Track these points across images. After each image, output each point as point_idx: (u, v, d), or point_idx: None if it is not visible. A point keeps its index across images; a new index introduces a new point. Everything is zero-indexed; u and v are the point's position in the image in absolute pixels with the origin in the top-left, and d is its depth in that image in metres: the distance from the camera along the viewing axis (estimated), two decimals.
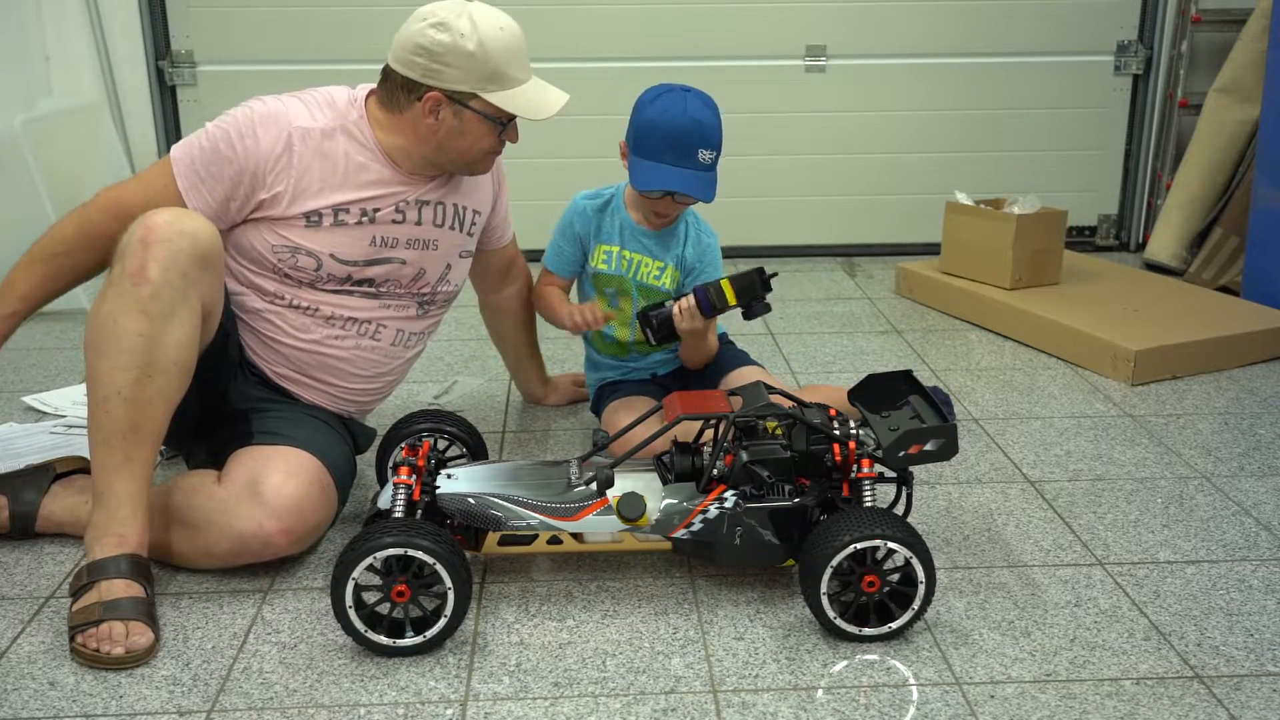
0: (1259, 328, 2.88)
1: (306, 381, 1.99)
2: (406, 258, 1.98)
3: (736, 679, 1.58)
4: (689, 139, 2.08)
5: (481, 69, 1.85)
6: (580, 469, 1.79)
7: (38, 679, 1.59)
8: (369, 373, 2.04)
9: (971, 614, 1.74)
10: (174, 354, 1.69)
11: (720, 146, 2.13)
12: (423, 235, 1.99)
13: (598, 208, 2.27)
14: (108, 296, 1.68)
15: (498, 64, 1.85)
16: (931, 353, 2.97)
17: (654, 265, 2.25)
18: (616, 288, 2.27)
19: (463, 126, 1.89)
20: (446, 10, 1.85)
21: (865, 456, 1.74)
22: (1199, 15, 3.75)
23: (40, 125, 3.29)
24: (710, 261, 2.27)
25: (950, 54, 3.85)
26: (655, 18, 3.75)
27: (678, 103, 2.11)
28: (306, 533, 1.81)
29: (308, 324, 1.95)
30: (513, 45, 1.87)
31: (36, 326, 3.16)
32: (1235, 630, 1.70)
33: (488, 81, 1.86)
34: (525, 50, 1.91)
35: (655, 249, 2.25)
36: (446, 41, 1.83)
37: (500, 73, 1.86)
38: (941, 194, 3.48)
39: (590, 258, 2.27)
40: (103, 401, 1.68)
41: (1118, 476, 2.23)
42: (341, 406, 2.05)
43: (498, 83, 1.87)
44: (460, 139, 1.90)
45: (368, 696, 1.55)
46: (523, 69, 1.90)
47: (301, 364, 1.97)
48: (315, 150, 1.88)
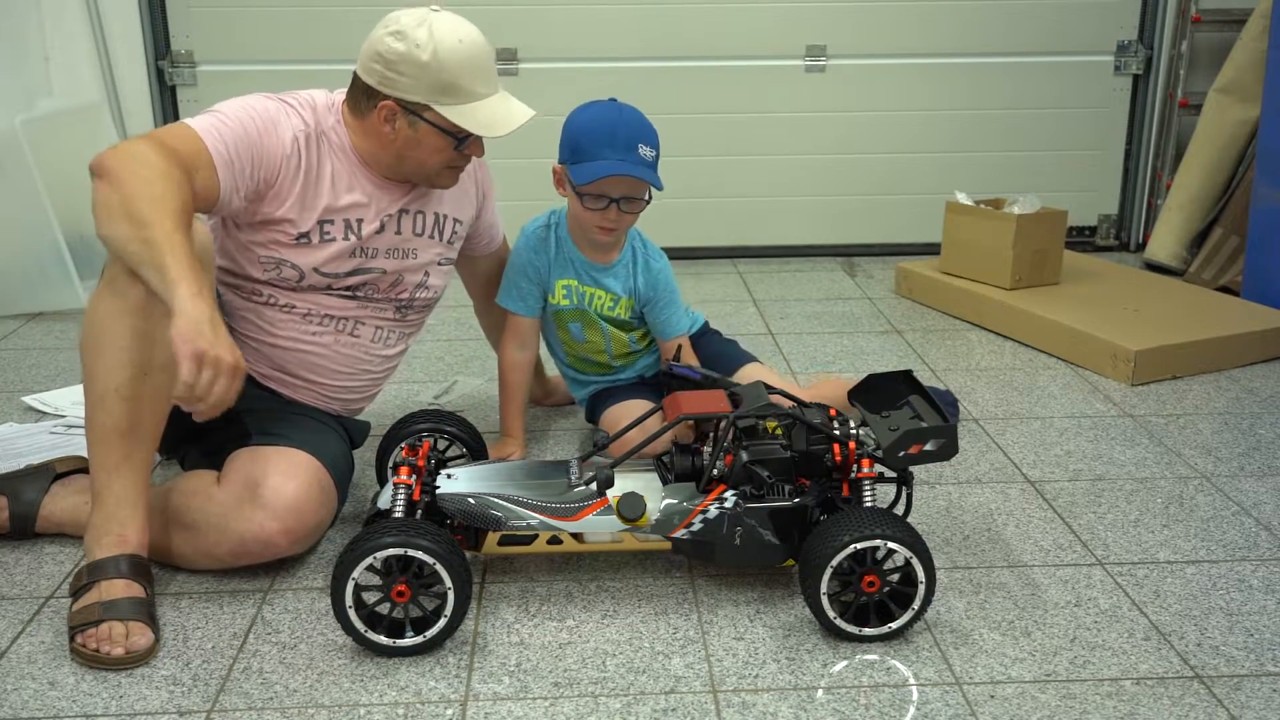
0: (1259, 328, 2.88)
1: (290, 380, 1.99)
2: (386, 266, 1.97)
3: (736, 679, 1.58)
4: (628, 132, 2.03)
5: (435, 80, 1.81)
6: (580, 469, 1.79)
7: (38, 679, 1.59)
8: (350, 369, 2.02)
9: (971, 614, 1.74)
10: (170, 351, 1.67)
11: (658, 149, 2.07)
12: (402, 245, 1.98)
13: (543, 236, 2.20)
14: (104, 295, 1.67)
15: (452, 76, 1.81)
16: (931, 353, 2.97)
17: (607, 298, 2.20)
18: (580, 320, 2.24)
19: (418, 137, 1.86)
20: (409, 19, 1.82)
21: (865, 456, 1.74)
22: (1199, 15, 3.75)
23: (40, 125, 3.29)
24: (664, 287, 2.21)
25: (950, 54, 3.85)
26: (655, 18, 3.75)
27: (609, 106, 2.09)
28: (307, 533, 1.81)
29: (285, 320, 1.94)
30: (472, 58, 1.82)
31: (37, 326, 3.16)
32: (1235, 630, 1.70)
33: (441, 94, 1.82)
34: (488, 63, 1.87)
35: (606, 281, 2.20)
36: (401, 50, 1.80)
37: (454, 85, 1.82)
38: (941, 194, 3.48)
39: (551, 294, 2.21)
40: (100, 400, 1.67)
41: (1118, 476, 2.23)
42: (329, 405, 2.05)
43: (452, 95, 1.82)
44: (417, 149, 1.87)
45: (368, 696, 1.55)
46: (483, 83, 1.85)
47: (282, 361, 1.97)
48: (310, 156, 1.87)
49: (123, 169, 1.63)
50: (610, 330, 2.24)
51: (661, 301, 2.21)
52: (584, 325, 2.24)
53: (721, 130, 3.86)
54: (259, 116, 1.82)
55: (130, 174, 1.62)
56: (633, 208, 2.09)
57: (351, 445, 2.05)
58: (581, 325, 2.24)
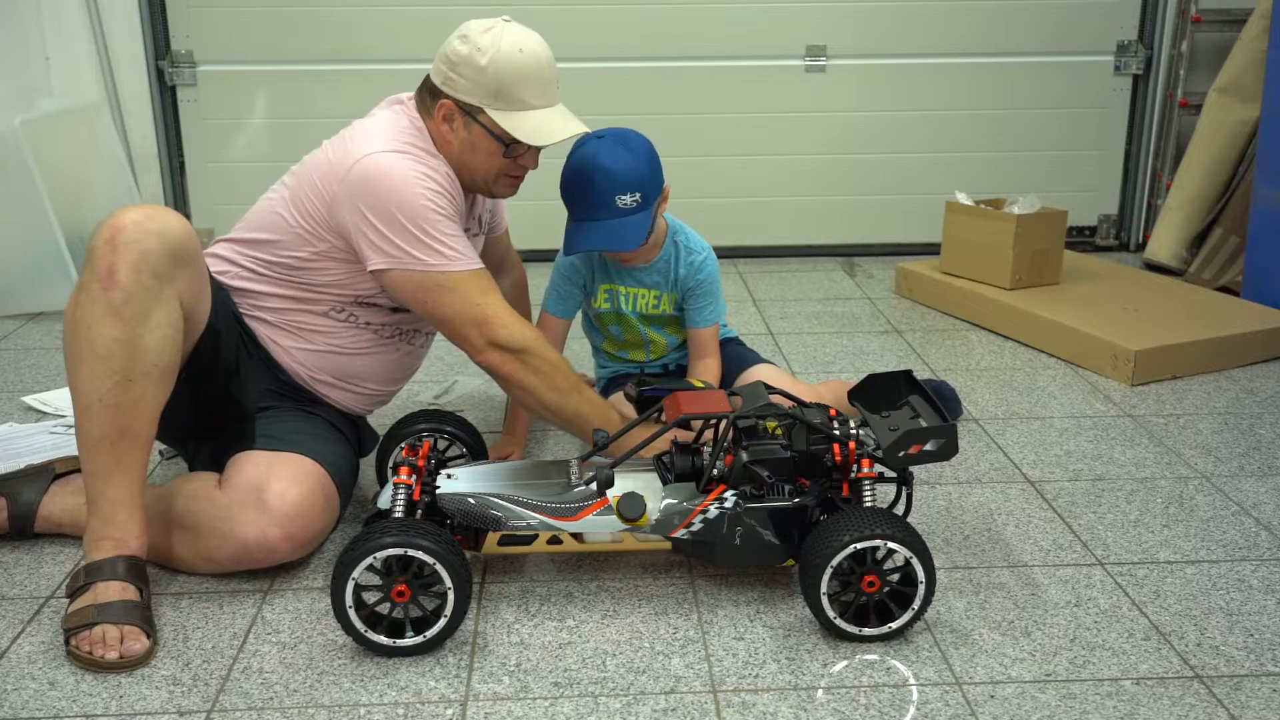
0: (1259, 328, 2.88)
1: (338, 383, 2.01)
2: None
3: (736, 679, 1.58)
4: (597, 189, 2.01)
5: (490, 85, 1.85)
6: (580, 469, 1.79)
7: (38, 679, 1.59)
8: (400, 373, 2.10)
9: (971, 614, 1.74)
10: (154, 356, 1.65)
11: (645, 182, 2.03)
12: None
13: None
14: (79, 302, 1.64)
15: (507, 83, 1.85)
16: (931, 353, 2.97)
17: (650, 295, 2.23)
18: (619, 324, 2.27)
19: (473, 140, 1.90)
20: (479, 25, 1.88)
21: (865, 456, 1.74)
22: (1199, 15, 3.75)
23: (40, 125, 3.29)
24: (706, 277, 2.22)
25: (950, 54, 3.85)
26: (655, 18, 3.75)
27: (585, 153, 2.04)
28: (309, 539, 1.81)
29: (356, 332, 1.98)
30: (529, 69, 1.87)
31: (37, 327, 3.17)
32: (1235, 630, 1.70)
33: (494, 98, 1.87)
34: (546, 77, 1.90)
35: (647, 279, 2.22)
36: (464, 53, 1.86)
37: (507, 92, 1.86)
38: (941, 194, 3.48)
39: (593, 299, 2.25)
40: (85, 410, 1.65)
41: (1118, 476, 2.23)
42: (364, 405, 2.08)
43: (505, 101, 1.87)
44: (473, 153, 1.91)
45: (368, 696, 1.55)
46: (537, 94, 1.89)
47: (340, 366, 1.99)
48: (451, 192, 1.91)
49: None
50: (649, 333, 2.27)
51: (700, 291, 2.23)
52: (623, 329, 2.28)
53: (721, 130, 3.86)
54: (432, 183, 1.85)
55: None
56: (622, 256, 2.15)
57: (360, 453, 2.06)
58: (621, 329, 2.28)
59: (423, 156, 1.88)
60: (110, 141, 3.60)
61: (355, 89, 3.60)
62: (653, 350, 2.31)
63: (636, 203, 2.04)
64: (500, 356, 1.88)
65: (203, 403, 1.88)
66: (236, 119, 3.77)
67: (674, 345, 2.31)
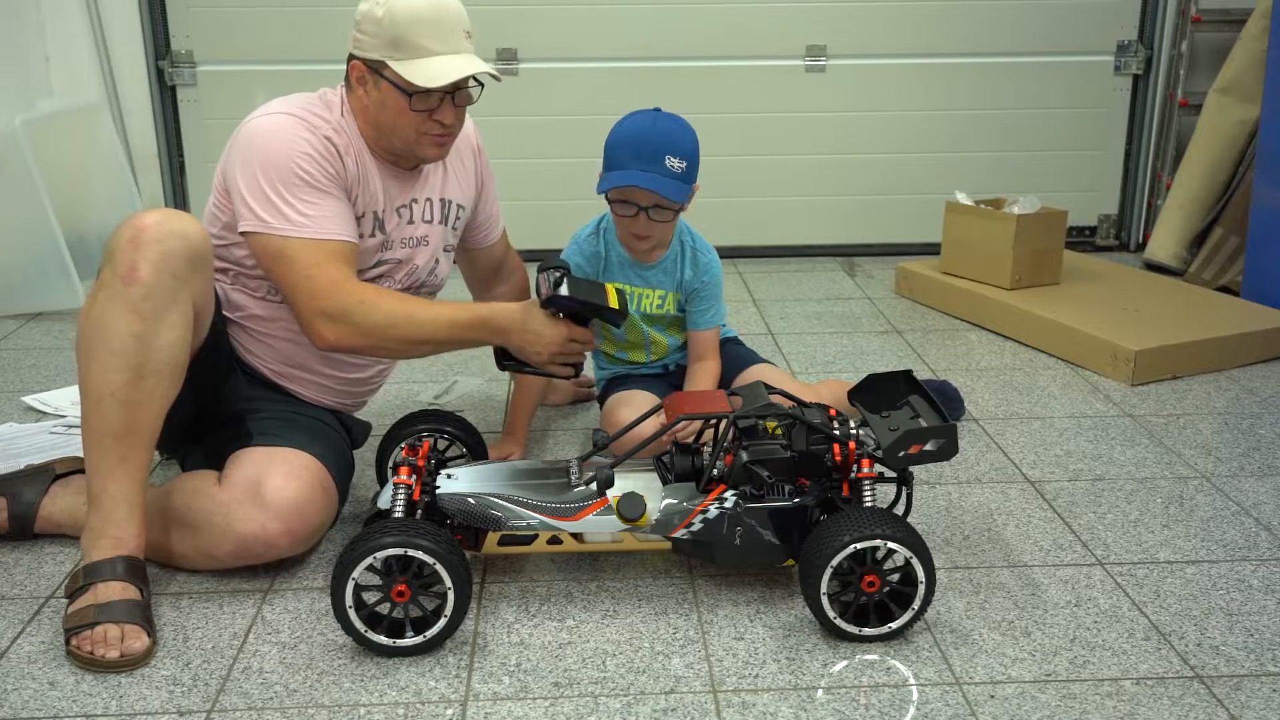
0: (1259, 328, 2.88)
1: (302, 376, 1.99)
2: (401, 256, 1.99)
3: (736, 679, 1.58)
4: (653, 143, 2.05)
5: (388, 35, 1.80)
6: (580, 469, 1.79)
7: (38, 679, 1.59)
8: (362, 359, 2.03)
9: (971, 614, 1.74)
10: (166, 354, 1.67)
11: (693, 159, 2.08)
12: (415, 233, 2.00)
13: (593, 242, 2.23)
14: (98, 298, 1.66)
15: (404, 31, 1.79)
16: (931, 353, 2.97)
17: (655, 295, 2.24)
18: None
19: (383, 98, 1.85)
20: None
21: (865, 456, 1.74)
22: (1199, 15, 3.75)
23: (40, 125, 3.29)
24: (711, 280, 2.24)
25: (950, 54, 3.85)
26: (655, 18, 3.75)
27: (644, 117, 2.11)
28: (309, 533, 1.81)
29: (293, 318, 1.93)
30: (424, 13, 1.81)
31: (37, 327, 3.17)
32: (1235, 630, 1.70)
33: (394, 49, 1.81)
34: (445, 20, 1.83)
35: (654, 279, 2.23)
36: (364, 9, 1.84)
37: (405, 40, 1.80)
38: (941, 194, 3.48)
39: None
40: (96, 404, 1.66)
41: (1118, 476, 2.23)
42: (338, 399, 2.06)
43: (404, 50, 1.81)
44: (384, 112, 1.86)
45: (368, 696, 1.55)
46: (437, 40, 1.82)
47: (297, 356, 1.97)
48: (349, 153, 1.88)
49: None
50: (651, 334, 2.27)
51: (704, 293, 2.24)
52: (625, 329, 2.27)
53: (721, 130, 3.85)
54: (314, 143, 1.83)
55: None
56: (662, 216, 2.10)
57: (352, 445, 2.05)
58: (623, 329, 2.27)
59: (309, 119, 1.85)
60: (110, 141, 3.60)
61: None
62: (653, 351, 2.31)
63: (681, 171, 2.06)
64: (324, 326, 1.80)
65: (203, 402, 1.88)
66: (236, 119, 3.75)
67: (675, 346, 2.32)
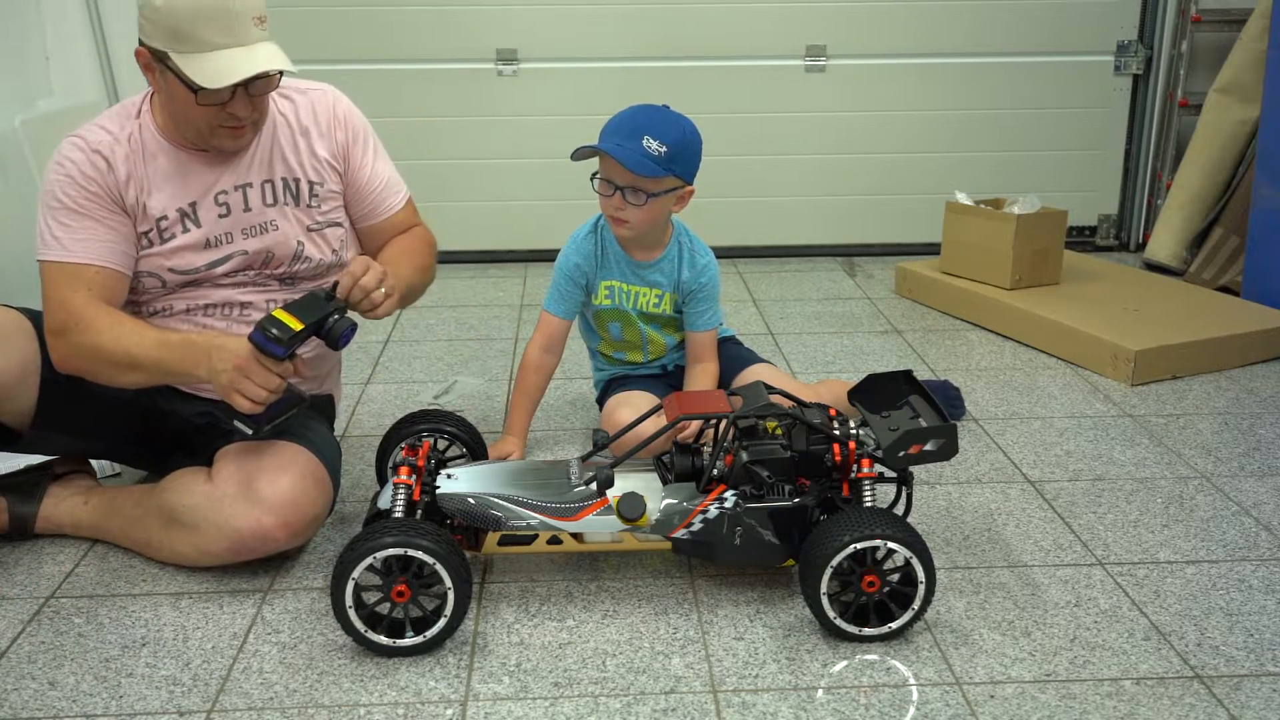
0: (1259, 328, 2.88)
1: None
2: (248, 247, 1.90)
3: (736, 679, 1.58)
4: (636, 121, 2.04)
5: (166, 24, 1.71)
6: (580, 469, 1.79)
7: (38, 679, 1.59)
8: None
9: (971, 614, 1.74)
10: None
11: (679, 149, 2.04)
12: (255, 220, 1.90)
13: (590, 239, 2.22)
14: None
15: (181, 22, 1.69)
16: (931, 353, 2.97)
17: (651, 294, 2.24)
18: (620, 320, 2.27)
19: (170, 89, 1.76)
20: None
21: (865, 456, 1.74)
22: (1199, 15, 3.75)
23: (40, 125, 3.28)
24: (708, 282, 2.23)
25: (950, 54, 3.85)
26: (655, 18, 3.75)
27: (645, 105, 2.10)
28: (304, 525, 1.81)
29: (172, 324, 1.89)
30: (203, 6, 1.70)
31: None
32: (1235, 630, 1.70)
33: (174, 40, 1.71)
34: (235, 11, 1.72)
35: (651, 278, 2.23)
36: None
37: (185, 32, 1.70)
38: (941, 194, 3.48)
39: (594, 295, 2.24)
40: None
41: (1118, 476, 2.23)
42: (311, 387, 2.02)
43: (185, 43, 1.71)
44: (174, 103, 1.78)
45: (368, 696, 1.55)
46: (219, 32, 1.71)
47: None
48: (131, 161, 1.82)
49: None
50: (649, 332, 2.27)
51: (701, 295, 2.24)
52: (623, 326, 2.27)
53: (721, 130, 3.85)
54: (67, 170, 1.79)
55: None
56: (637, 199, 2.07)
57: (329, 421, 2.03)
58: (621, 326, 2.27)
59: (89, 134, 1.81)
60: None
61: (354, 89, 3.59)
62: (651, 351, 2.31)
63: (659, 154, 2.02)
64: (52, 345, 1.79)
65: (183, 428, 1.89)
66: None
67: (672, 346, 2.32)
